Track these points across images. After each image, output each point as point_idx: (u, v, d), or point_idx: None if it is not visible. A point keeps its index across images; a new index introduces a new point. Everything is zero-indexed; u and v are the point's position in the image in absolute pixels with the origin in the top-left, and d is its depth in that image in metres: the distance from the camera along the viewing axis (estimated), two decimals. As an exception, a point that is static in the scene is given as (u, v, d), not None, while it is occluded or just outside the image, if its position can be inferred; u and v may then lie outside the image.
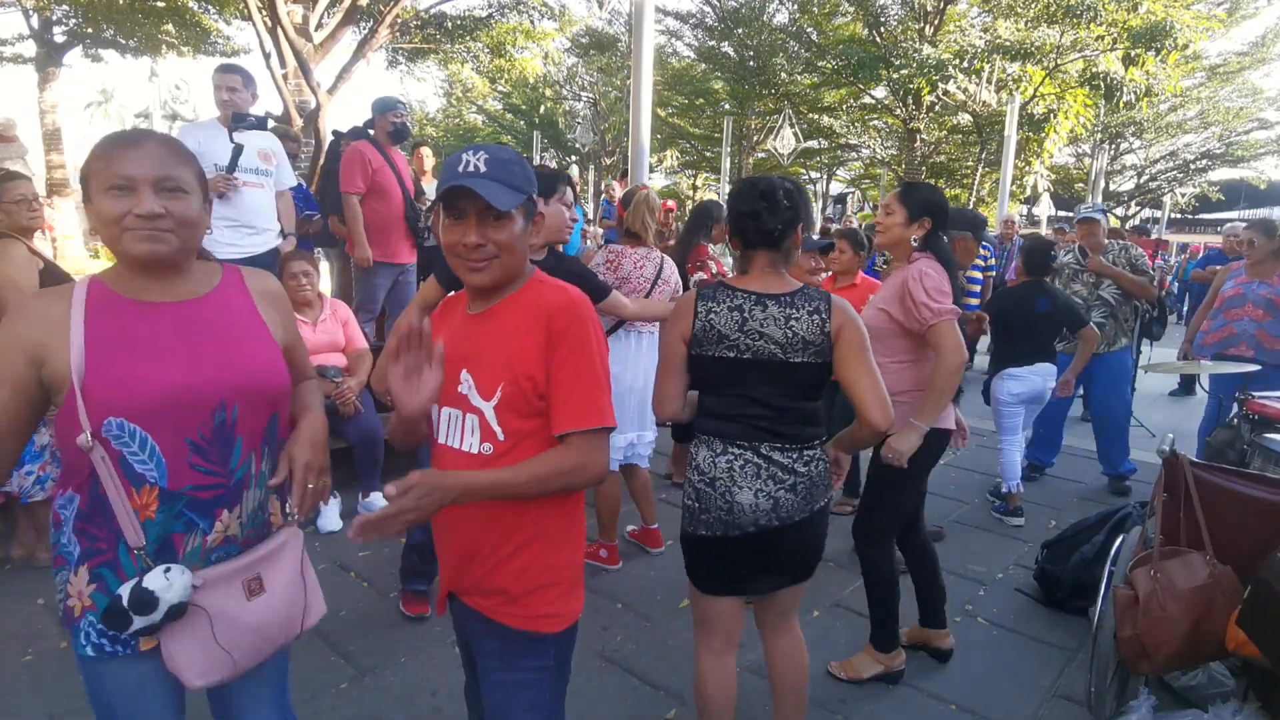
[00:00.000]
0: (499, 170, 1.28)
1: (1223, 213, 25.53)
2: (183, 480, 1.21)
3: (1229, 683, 2.29)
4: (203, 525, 1.25)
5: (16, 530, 3.18)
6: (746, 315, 1.73)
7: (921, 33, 14.48)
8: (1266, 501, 2.09)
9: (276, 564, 1.34)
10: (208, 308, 1.29)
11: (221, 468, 1.25)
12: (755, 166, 21.23)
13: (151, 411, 1.18)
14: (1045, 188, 14.75)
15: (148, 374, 1.18)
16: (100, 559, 1.21)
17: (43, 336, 1.17)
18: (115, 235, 1.18)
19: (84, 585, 1.21)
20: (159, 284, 1.25)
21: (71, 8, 12.00)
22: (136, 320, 1.22)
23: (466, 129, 26.68)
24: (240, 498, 1.29)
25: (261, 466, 1.32)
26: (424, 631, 2.78)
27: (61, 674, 2.42)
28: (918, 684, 2.61)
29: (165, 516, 1.21)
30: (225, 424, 1.24)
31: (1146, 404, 6.72)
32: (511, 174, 1.30)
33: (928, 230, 2.46)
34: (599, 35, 20.06)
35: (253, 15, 8.30)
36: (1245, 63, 19.16)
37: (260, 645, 1.31)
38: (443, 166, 1.34)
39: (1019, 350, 3.93)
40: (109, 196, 1.17)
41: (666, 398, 1.82)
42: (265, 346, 1.33)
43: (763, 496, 1.74)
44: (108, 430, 1.16)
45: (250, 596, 1.28)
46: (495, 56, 13.08)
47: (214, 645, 1.23)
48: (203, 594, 1.22)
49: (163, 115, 16.63)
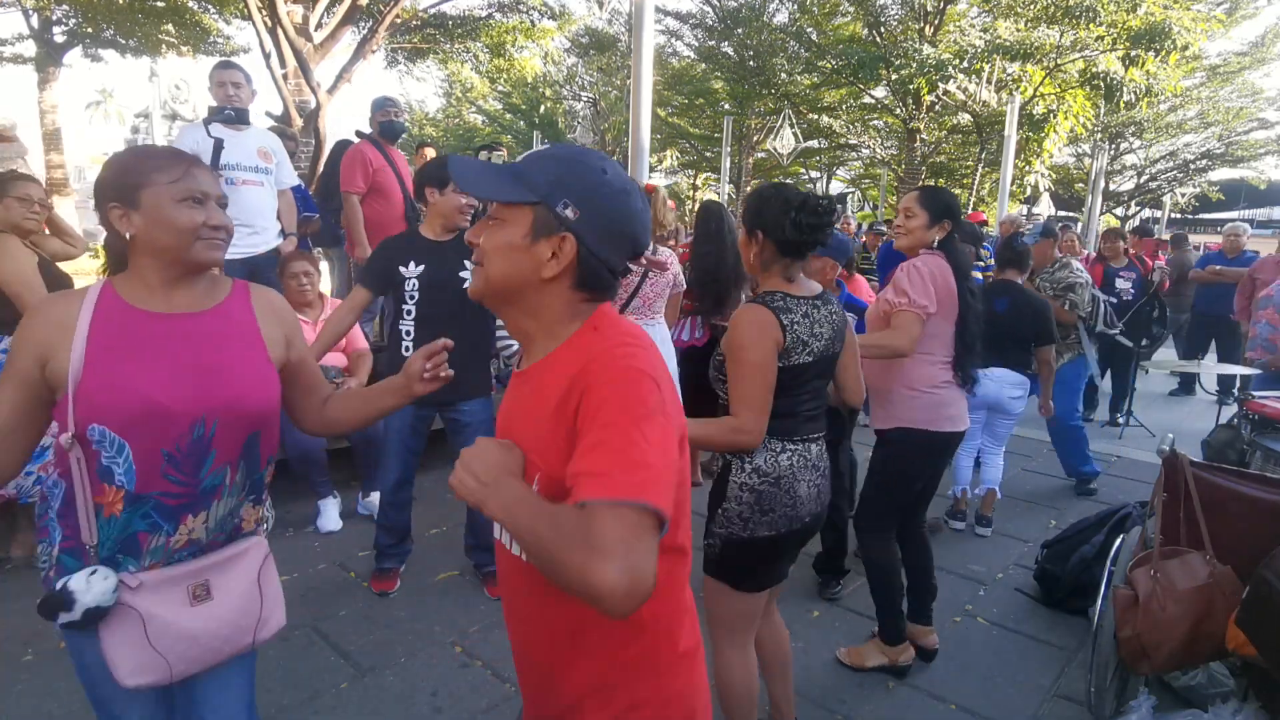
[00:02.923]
0: (518, 163, 1.05)
1: (1223, 213, 25.51)
2: (151, 486, 1.24)
3: (1229, 683, 2.29)
4: (167, 528, 1.27)
5: (16, 530, 3.17)
6: (814, 319, 1.84)
7: (921, 33, 14.47)
8: (1266, 501, 2.09)
9: (230, 572, 1.33)
10: (208, 322, 1.32)
11: (191, 478, 1.27)
12: (755, 166, 21.23)
13: (132, 422, 1.21)
14: (1045, 188, 14.73)
15: (134, 386, 1.21)
16: (68, 545, 1.27)
17: (51, 337, 1.22)
18: (186, 243, 1.25)
19: (54, 563, 1.28)
20: (174, 293, 1.30)
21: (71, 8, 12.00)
22: (137, 330, 1.25)
23: (466, 129, 26.65)
24: (209, 505, 1.30)
25: (236, 477, 1.33)
26: (424, 631, 2.78)
27: (61, 674, 2.42)
28: (918, 684, 2.61)
29: (130, 516, 1.24)
30: (203, 439, 1.27)
31: (1146, 404, 6.72)
32: (528, 169, 1.01)
33: (948, 232, 2.53)
34: (599, 35, 20.04)
35: (253, 15, 8.30)
36: (1245, 63, 19.13)
37: (200, 654, 1.29)
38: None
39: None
40: (184, 207, 1.25)
41: (766, 415, 1.80)
42: (257, 365, 1.35)
43: (812, 487, 1.86)
44: (90, 434, 1.20)
45: (194, 603, 1.28)
46: (495, 56, 13.09)
47: (147, 647, 1.23)
48: (139, 595, 1.23)
49: (163, 115, 16.60)
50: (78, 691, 2.35)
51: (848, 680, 2.61)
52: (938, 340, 2.53)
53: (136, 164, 1.25)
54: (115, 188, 1.24)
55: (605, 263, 1.00)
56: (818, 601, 3.14)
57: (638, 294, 3.23)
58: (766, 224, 1.80)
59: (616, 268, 1.03)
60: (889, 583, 2.61)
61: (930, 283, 2.44)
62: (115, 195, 1.24)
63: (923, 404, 2.51)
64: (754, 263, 1.87)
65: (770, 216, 1.79)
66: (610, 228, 0.99)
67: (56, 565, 1.27)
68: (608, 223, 0.99)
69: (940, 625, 2.98)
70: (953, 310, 2.51)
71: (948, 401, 2.54)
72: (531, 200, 0.98)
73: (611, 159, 1.05)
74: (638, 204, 1.03)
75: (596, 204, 0.98)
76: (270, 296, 1.46)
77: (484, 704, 2.39)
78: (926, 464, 2.63)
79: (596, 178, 0.99)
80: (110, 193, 1.25)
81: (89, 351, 1.21)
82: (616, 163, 1.05)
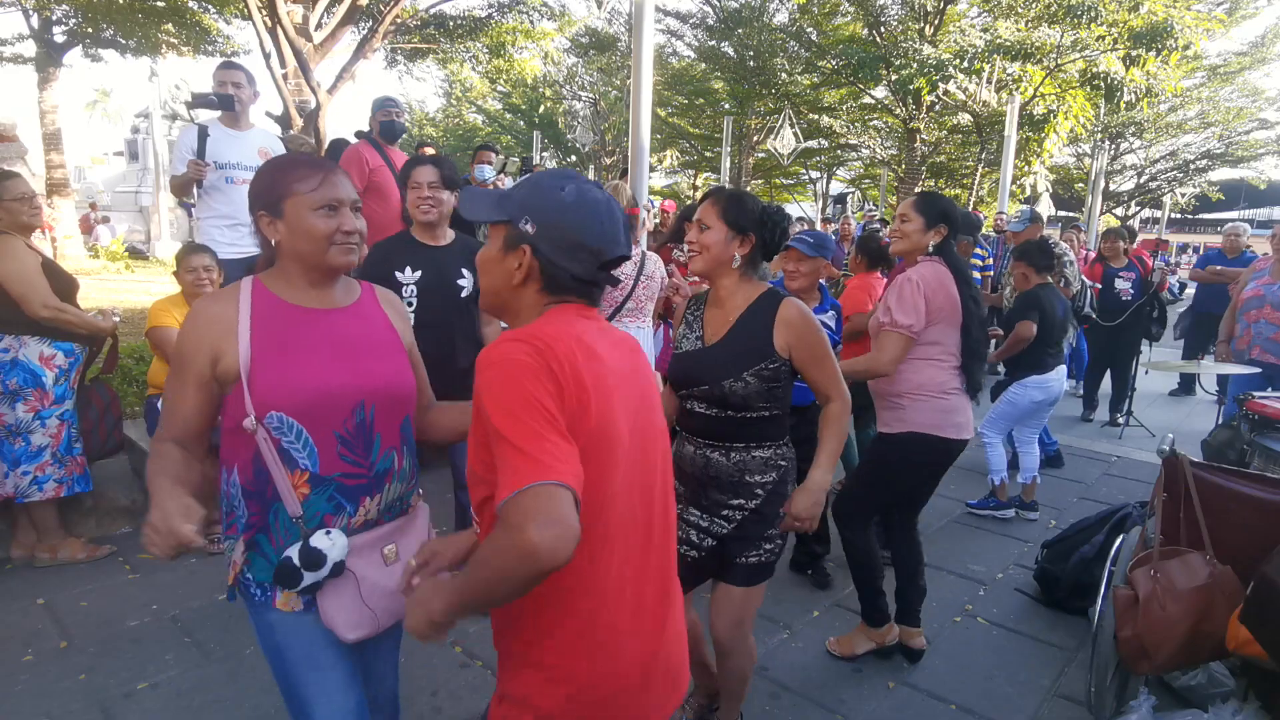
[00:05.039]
0: (508, 189, 1.23)
1: (1223, 213, 25.54)
2: (333, 468, 1.35)
3: (1229, 683, 2.29)
4: (349, 509, 1.38)
5: (16, 530, 3.17)
6: None
7: (921, 33, 14.46)
8: (1266, 501, 2.09)
9: (408, 534, 1.48)
10: (351, 317, 1.45)
11: (364, 460, 1.39)
12: (755, 166, 21.22)
13: (306, 406, 1.32)
14: (1045, 188, 14.73)
15: (303, 375, 1.33)
16: (256, 530, 1.36)
17: (217, 336, 1.33)
18: (322, 249, 1.37)
19: (242, 551, 1.37)
20: (319, 292, 1.43)
21: (71, 8, 11.98)
22: (296, 322, 1.38)
23: (466, 129, 26.66)
24: (383, 488, 1.43)
25: (403, 463, 1.46)
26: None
27: (61, 674, 2.43)
28: (917, 684, 2.61)
29: (317, 498, 1.35)
30: (365, 422, 1.39)
31: (1146, 404, 6.72)
32: (511, 193, 1.19)
33: (944, 236, 2.53)
34: (599, 35, 20.03)
35: (253, 15, 8.29)
36: (1245, 63, 19.14)
37: (395, 607, 1.42)
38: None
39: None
40: (320, 215, 1.36)
41: None
42: (397, 356, 1.48)
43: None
44: (269, 421, 1.31)
45: (387, 564, 1.42)
46: (495, 56, 13.07)
47: (361, 604, 1.37)
48: (350, 559, 1.36)
49: (163, 115, 16.63)
50: (78, 691, 2.36)
51: (847, 680, 2.61)
52: (943, 346, 2.51)
53: (281, 175, 1.38)
54: (263, 197, 1.38)
55: (567, 269, 1.16)
56: (818, 602, 3.14)
57: (630, 297, 3.25)
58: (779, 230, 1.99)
59: (581, 274, 1.17)
60: (867, 564, 2.66)
61: (921, 299, 2.44)
62: (263, 204, 1.38)
63: (931, 409, 2.49)
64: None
65: (779, 224, 1.96)
66: (566, 239, 1.15)
67: (248, 550, 1.36)
68: (562, 234, 1.15)
69: (940, 625, 2.99)
70: (955, 313, 2.50)
71: (956, 408, 2.52)
72: (503, 219, 1.17)
73: (584, 178, 1.21)
74: (599, 218, 1.17)
75: (552, 219, 1.15)
76: (391, 296, 1.59)
77: (484, 704, 2.38)
78: (924, 469, 2.62)
79: (553, 196, 1.16)
80: (258, 202, 1.38)
81: (254, 345, 1.32)
82: (590, 183, 1.20)
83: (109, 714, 2.26)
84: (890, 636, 2.69)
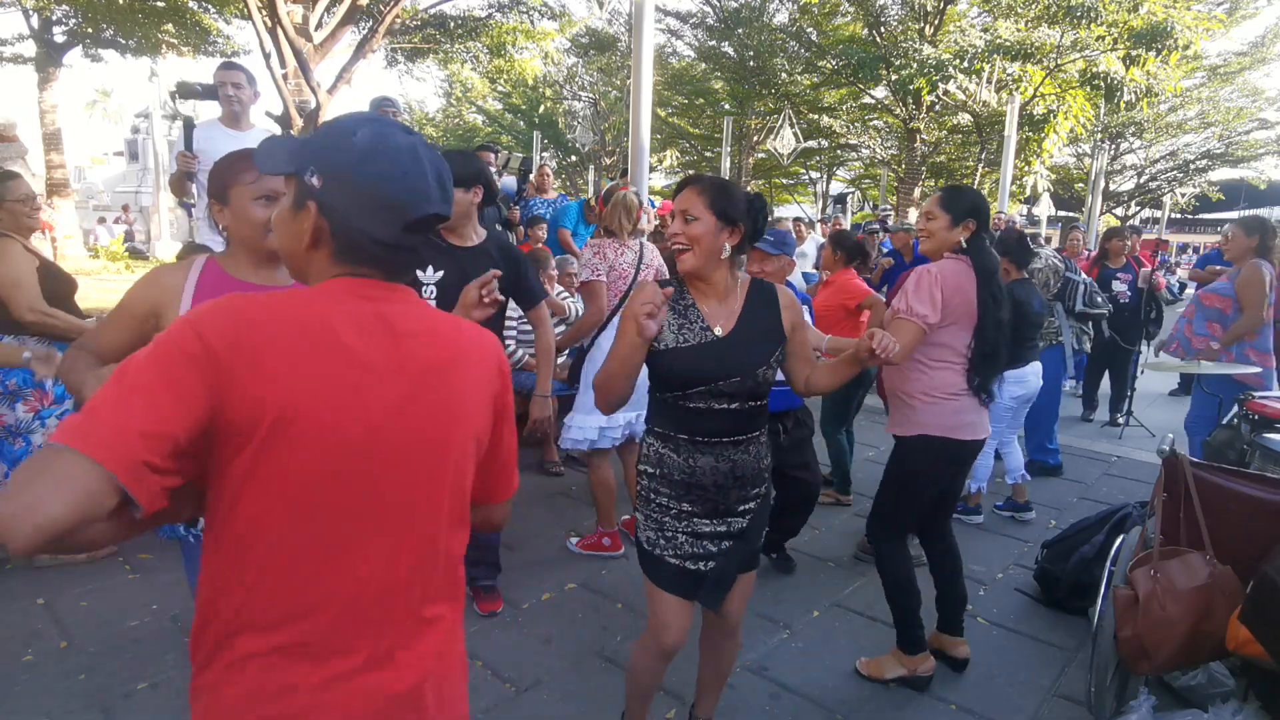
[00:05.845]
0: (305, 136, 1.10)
1: (1223, 213, 25.54)
2: None
3: (1229, 683, 2.29)
4: None
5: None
6: None
7: (921, 33, 14.46)
8: (1266, 501, 2.09)
9: None
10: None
11: None
12: (755, 166, 21.22)
13: None
14: (1045, 188, 14.75)
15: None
16: None
17: (162, 297, 1.54)
18: (260, 234, 1.56)
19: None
20: (265, 271, 1.62)
21: (71, 8, 12.00)
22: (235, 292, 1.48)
23: (466, 129, 26.65)
24: None
25: None
26: (424, 631, 2.77)
27: (61, 674, 2.42)
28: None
29: None
30: None
31: (1147, 404, 6.72)
32: (303, 140, 1.02)
33: (973, 232, 2.43)
34: (599, 35, 20.03)
35: (253, 15, 8.31)
36: (1245, 63, 19.15)
37: None
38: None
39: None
40: (259, 205, 1.56)
41: None
42: None
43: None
44: None
45: None
46: (495, 56, 13.09)
47: None
48: None
49: (163, 115, 16.63)
50: (78, 691, 2.36)
51: (847, 680, 2.61)
52: (952, 349, 2.44)
53: (228, 168, 1.57)
54: (214, 187, 1.58)
55: (364, 231, 0.94)
56: (818, 602, 3.14)
57: (633, 287, 3.26)
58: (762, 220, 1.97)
59: (383, 236, 0.95)
60: (901, 591, 2.53)
61: (937, 290, 2.35)
62: (214, 194, 1.59)
63: (942, 411, 2.43)
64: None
65: (761, 213, 1.96)
66: (358, 194, 0.93)
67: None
68: (353, 189, 0.93)
69: (940, 625, 2.98)
70: (969, 317, 2.41)
71: (968, 409, 2.46)
72: (289, 171, 0.96)
73: (390, 120, 0.99)
74: (400, 167, 0.94)
75: (340, 170, 0.93)
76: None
77: (484, 704, 2.39)
78: (945, 472, 2.54)
79: (342, 141, 0.93)
80: (211, 192, 1.59)
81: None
82: (395, 125, 0.98)
83: (109, 714, 2.26)
84: (924, 668, 2.56)
